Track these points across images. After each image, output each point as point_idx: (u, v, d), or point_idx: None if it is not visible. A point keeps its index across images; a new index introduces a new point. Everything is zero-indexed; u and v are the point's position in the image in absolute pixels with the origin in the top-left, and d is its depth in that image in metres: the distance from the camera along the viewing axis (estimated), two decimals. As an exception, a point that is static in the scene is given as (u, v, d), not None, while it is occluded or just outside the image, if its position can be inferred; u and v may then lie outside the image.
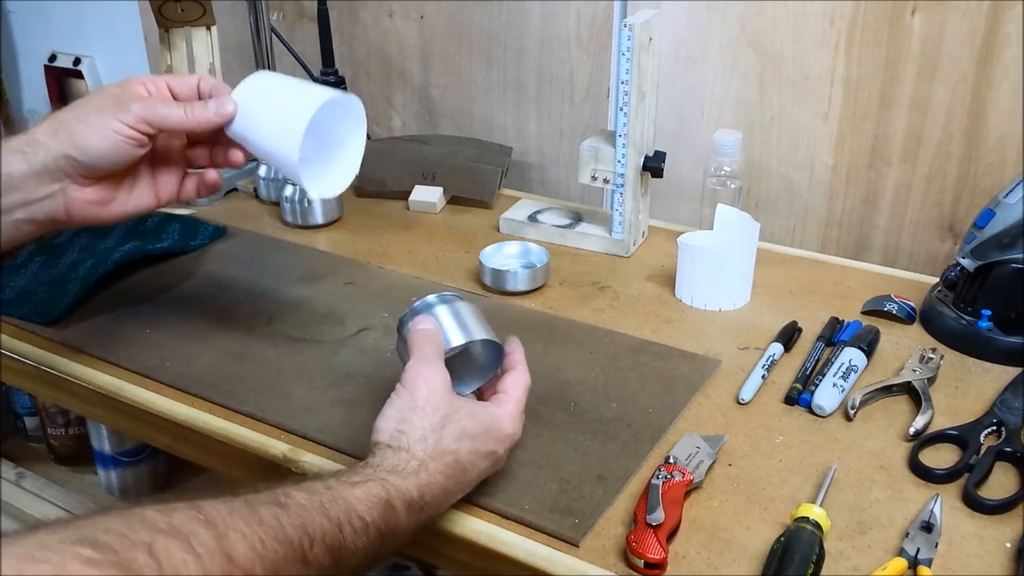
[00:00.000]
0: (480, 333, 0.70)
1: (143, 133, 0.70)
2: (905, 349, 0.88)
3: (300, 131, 0.72)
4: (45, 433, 1.33)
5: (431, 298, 0.71)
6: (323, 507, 0.54)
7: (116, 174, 0.74)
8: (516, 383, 0.69)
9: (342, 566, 0.55)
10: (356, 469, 0.60)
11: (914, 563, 0.62)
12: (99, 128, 0.69)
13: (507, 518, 0.67)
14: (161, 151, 0.77)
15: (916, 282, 1.00)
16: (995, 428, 0.75)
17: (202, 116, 0.72)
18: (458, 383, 0.69)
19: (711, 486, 0.70)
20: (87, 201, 0.72)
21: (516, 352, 0.72)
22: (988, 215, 0.85)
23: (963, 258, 0.87)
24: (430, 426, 0.62)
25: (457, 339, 0.69)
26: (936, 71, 1.03)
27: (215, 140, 0.77)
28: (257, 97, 0.75)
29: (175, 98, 0.74)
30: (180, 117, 0.72)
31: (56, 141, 0.69)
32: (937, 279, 0.95)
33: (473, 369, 0.73)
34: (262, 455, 0.75)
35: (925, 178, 1.08)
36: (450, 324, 0.69)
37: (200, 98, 0.75)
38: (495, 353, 0.72)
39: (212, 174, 0.79)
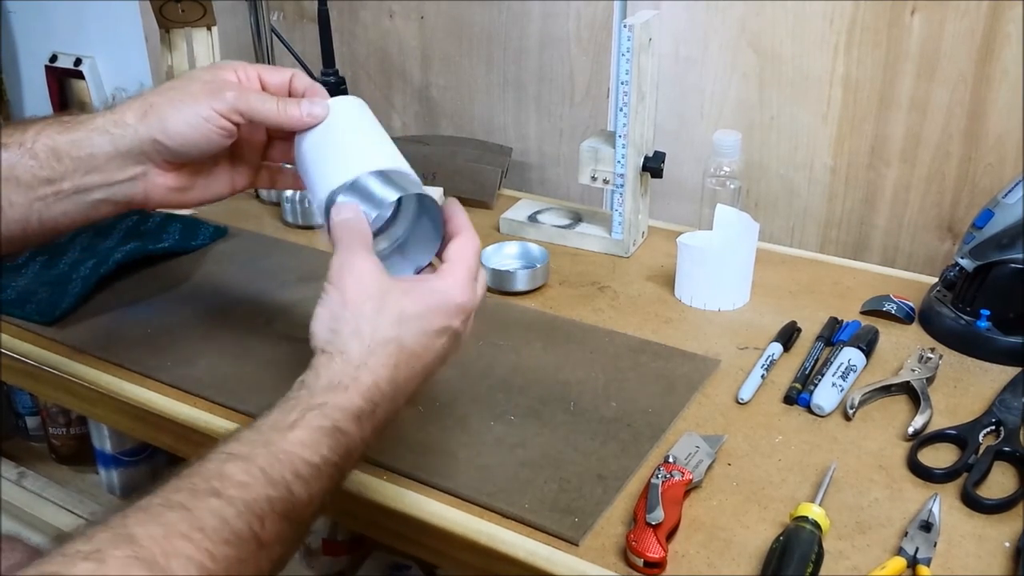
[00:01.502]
0: (411, 186, 0.65)
1: (233, 123, 0.68)
2: (904, 349, 0.88)
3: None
4: (46, 433, 1.33)
5: (352, 171, 0.64)
6: (265, 474, 0.51)
7: (199, 161, 0.72)
8: (462, 248, 0.63)
9: (303, 522, 0.52)
10: (291, 399, 0.56)
11: (913, 562, 0.62)
12: (191, 115, 0.67)
13: (507, 517, 0.67)
14: (243, 141, 0.74)
15: (915, 282, 1.00)
16: (994, 428, 0.75)
17: (294, 114, 0.69)
18: (401, 261, 0.65)
19: (710, 485, 0.70)
20: (168, 187, 0.71)
21: (459, 215, 0.65)
22: (987, 215, 0.85)
23: (962, 258, 0.87)
24: (363, 317, 0.57)
25: (388, 196, 0.63)
26: (935, 71, 1.03)
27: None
28: (346, 123, 0.70)
29: (265, 90, 0.71)
30: (272, 111, 0.68)
31: (145, 124, 0.67)
32: (936, 279, 0.95)
33: (415, 240, 0.68)
34: (263, 455, 0.75)
35: (924, 178, 1.08)
36: (375, 185, 0.64)
37: (291, 95, 0.71)
38: (434, 216, 0.66)
39: (288, 171, 0.77)
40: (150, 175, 0.70)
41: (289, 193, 1.15)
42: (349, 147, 0.68)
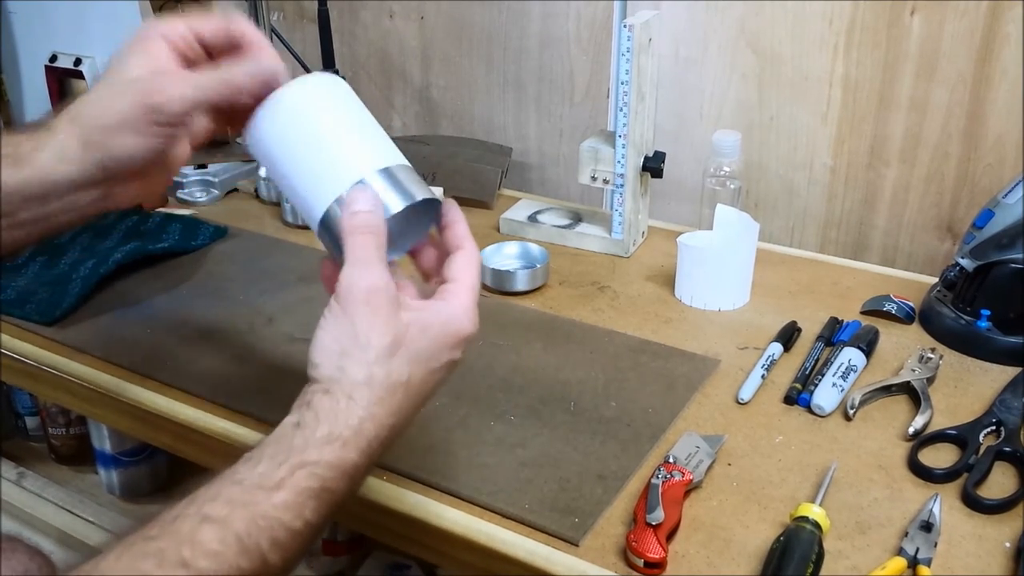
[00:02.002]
0: (420, 191, 0.59)
1: (180, 122, 0.59)
2: (904, 349, 0.88)
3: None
4: (46, 433, 1.33)
5: (354, 170, 0.57)
6: (240, 542, 0.47)
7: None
8: (467, 266, 0.58)
9: None
10: (283, 445, 0.51)
11: (913, 562, 0.62)
12: (131, 138, 0.58)
13: (507, 517, 0.67)
14: None
15: (915, 282, 1.00)
16: (994, 428, 0.75)
17: (240, 83, 0.59)
18: (389, 251, 0.57)
19: (710, 485, 0.70)
20: (134, 193, 0.64)
21: (459, 223, 0.60)
22: (987, 215, 0.85)
23: (962, 258, 0.87)
24: (375, 359, 0.53)
25: (396, 205, 0.57)
26: (935, 72, 1.03)
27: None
28: (330, 109, 0.60)
29: (204, 45, 0.62)
30: (215, 90, 0.58)
31: (90, 153, 0.59)
32: (936, 279, 0.95)
33: (405, 230, 0.61)
34: (263, 455, 0.75)
35: (924, 178, 1.08)
36: (382, 186, 0.58)
37: (233, 41, 0.62)
38: (430, 208, 0.61)
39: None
40: (114, 190, 0.62)
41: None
42: (343, 140, 0.59)
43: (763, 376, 0.83)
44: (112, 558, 0.45)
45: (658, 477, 0.67)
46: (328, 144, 0.59)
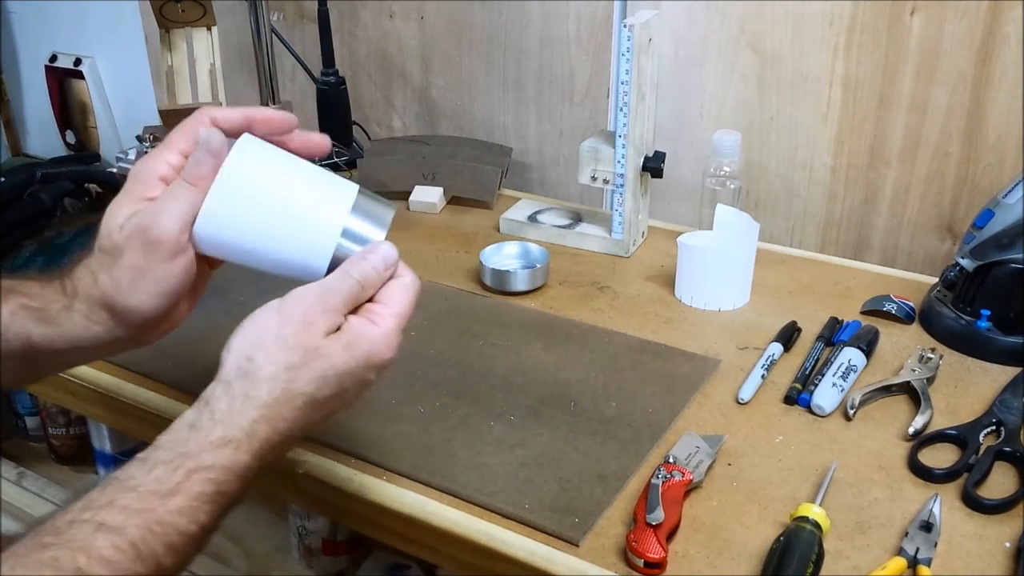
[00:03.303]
0: (386, 212, 0.60)
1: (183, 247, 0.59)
2: (904, 349, 0.88)
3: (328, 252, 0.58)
4: (46, 433, 1.33)
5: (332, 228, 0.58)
6: (135, 549, 0.47)
7: None
8: (401, 293, 0.57)
9: None
10: (178, 449, 0.51)
11: (913, 563, 0.62)
12: (148, 283, 0.58)
13: (507, 517, 0.67)
14: None
15: (915, 282, 1.00)
16: (994, 428, 0.75)
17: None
18: None
19: (711, 486, 0.70)
20: (164, 332, 0.65)
21: (391, 251, 0.58)
22: (987, 215, 0.85)
23: (962, 258, 0.87)
24: (284, 363, 0.53)
25: (375, 235, 0.59)
26: (935, 72, 1.03)
27: None
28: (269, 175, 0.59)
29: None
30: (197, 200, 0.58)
31: (119, 321, 0.60)
32: (936, 279, 0.95)
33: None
34: (263, 455, 0.75)
35: (924, 178, 1.08)
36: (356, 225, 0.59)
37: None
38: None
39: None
40: (148, 332, 0.63)
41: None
42: (304, 200, 0.59)
43: (763, 376, 0.83)
44: (7, 567, 0.44)
45: (658, 477, 0.67)
46: (294, 209, 0.58)
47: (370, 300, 0.57)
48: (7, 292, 0.60)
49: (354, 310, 0.57)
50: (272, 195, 0.58)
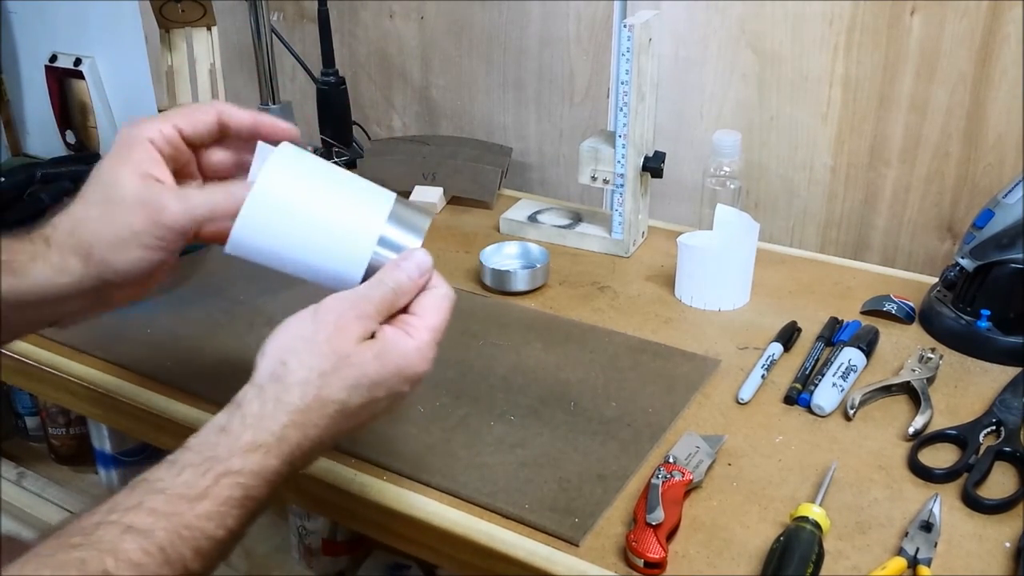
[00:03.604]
0: (423, 221, 0.60)
1: (188, 237, 0.60)
2: (904, 349, 0.88)
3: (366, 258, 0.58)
4: (46, 433, 1.33)
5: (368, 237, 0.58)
6: (163, 553, 0.47)
7: None
8: (436, 305, 0.57)
9: None
10: (207, 453, 0.51)
11: (913, 563, 0.62)
12: (136, 253, 0.58)
13: (507, 518, 0.67)
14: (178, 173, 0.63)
15: (915, 282, 1.00)
16: (994, 428, 0.75)
17: (240, 196, 0.58)
18: None
19: (711, 486, 0.70)
20: (130, 296, 0.63)
21: (426, 258, 0.58)
22: (987, 215, 0.85)
23: (962, 258, 0.87)
24: (317, 369, 0.53)
25: (410, 242, 0.59)
26: (935, 72, 1.03)
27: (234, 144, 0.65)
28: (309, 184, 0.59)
29: (191, 144, 0.62)
30: (222, 206, 0.58)
31: (93, 267, 0.59)
32: (936, 279, 0.95)
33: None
34: (263, 455, 0.75)
35: (924, 178, 1.08)
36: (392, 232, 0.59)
37: (223, 129, 0.62)
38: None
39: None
40: (111, 295, 0.62)
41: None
42: (344, 207, 0.59)
43: (763, 376, 0.83)
44: (32, 567, 0.44)
45: (658, 477, 0.67)
46: (330, 218, 0.59)
47: (405, 311, 0.57)
48: None
49: (389, 319, 0.57)
50: (309, 204, 0.58)
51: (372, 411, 0.56)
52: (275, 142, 0.61)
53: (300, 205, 0.58)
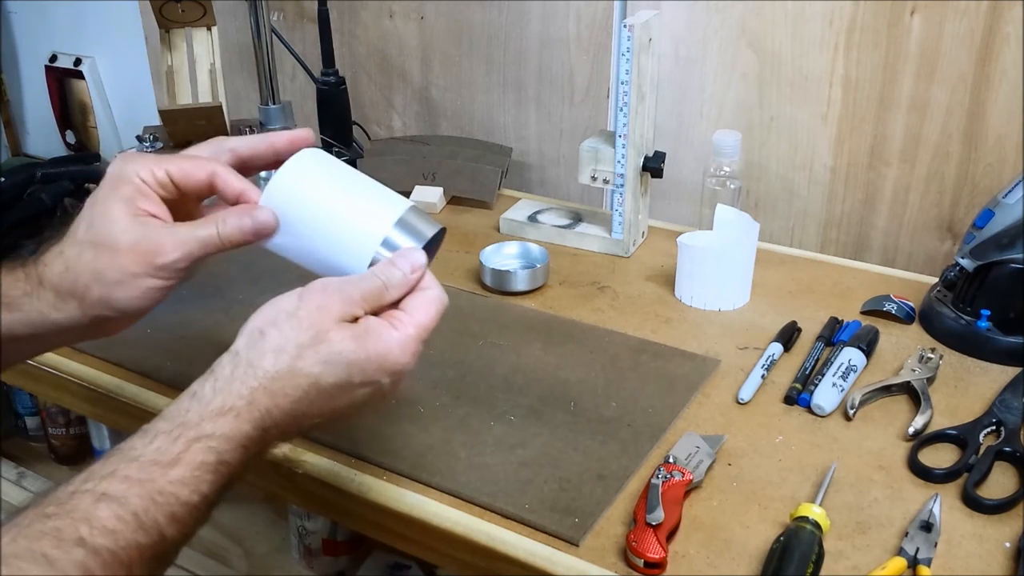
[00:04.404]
0: (429, 229, 0.61)
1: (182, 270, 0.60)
2: (904, 349, 0.88)
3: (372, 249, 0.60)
4: (46, 433, 1.33)
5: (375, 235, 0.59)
6: (137, 519, 0.47)
7: None
8: (426, 304, 0.57)
9: (171, 560, 0.50)
10: (179, 418, 0.51)
11: (913, 563, 0.62)
12: (134, 294, 0.59)
13: (507, 518, 0.67)
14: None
15: (915, 282, 1.00)
16: (994, 428, 0.75)
17: (242, 230, 0.60)
18: None
19: (711, 486, 0.70)
20: (125, 326, 0.65)
21: (419, 256, 0.59)
22: (987, 215, 0.85)
23: (962, 258, 0.87)
24: (293, 340, 0.53)
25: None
26: (935, 72, 1.03)
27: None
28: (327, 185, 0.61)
29: (178, 188, 0.61)
30: (214, 242, 0.60)
31: (89, 306, 0.60)
32: (936, 279, 0.95)
33: None
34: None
35: (924, 178, 1.08)
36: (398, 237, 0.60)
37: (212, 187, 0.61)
38: (437, 237, 0.64)
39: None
40: (105, 327, 0.63)
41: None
42: (355, 206, 0.61)
43: (763, 376, 0.83)
44: (8, 537, 0.44)
45: (658, 477, 0.67)
46: (342, 214, 0.60)
47: (395, 307, 0.57)
48: None
49: (376, 313, 0.57)
50: (323, 199, 0.60)
51: (351, 397, 0.55)
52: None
53: (319, 195, 0.60)
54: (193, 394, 0.53)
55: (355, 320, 0.55)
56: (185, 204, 0.63)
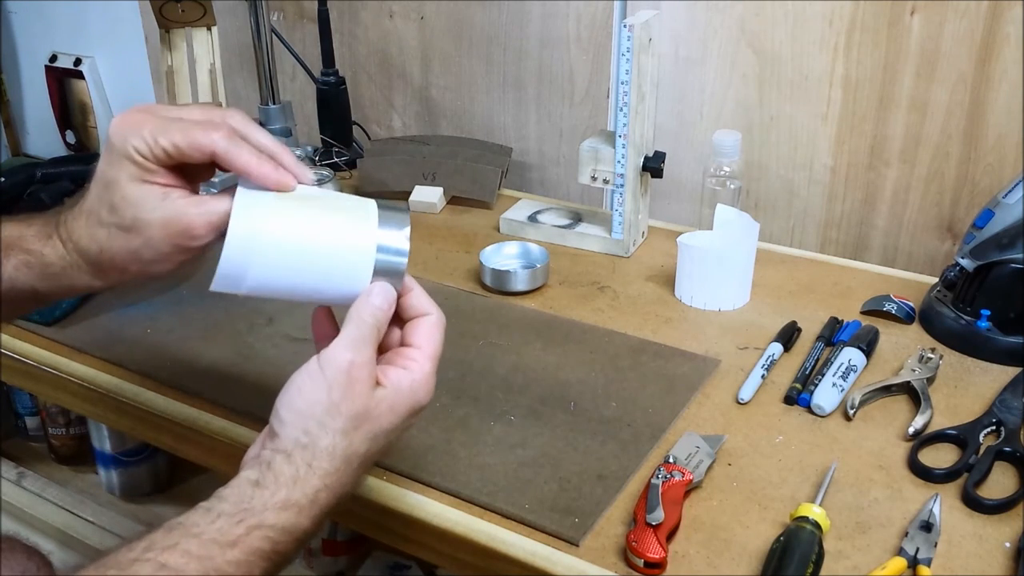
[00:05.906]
0: (403, 222, 0.59)
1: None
2: (904, 349, 0.88)
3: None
4: (46, 433, 1.33)
5: (402, 259, 0.58)
6: None
7: None
8: (432, 332, 0.59)
9: None
10: (243, 504, 0.53)
11: (913, 563, 0.62)
12: (172, 263, 0.60)
13: (507, 518, 0.67)
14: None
15: (915, 282, 1.00)
16: (994, 428, 0.75)
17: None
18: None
19: (711, 486, 0.70)
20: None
21: (416, 289, 0.60)
22: (987, 215, 0.85)
23: (962, 258, 0.87)
24: (341, 429, 0.55)
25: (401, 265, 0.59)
26: (935, 72, 1.03)
27: None
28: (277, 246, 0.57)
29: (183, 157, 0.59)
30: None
31: (128, 276, 0.61)
32: (936, 279, 0.95)
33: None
34: (263, 455, 0.75)
35: (924, 178, 1.08)
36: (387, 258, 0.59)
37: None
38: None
39: None
40: (142, 279, 0.63)
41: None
42: (332, 232, 0.58)
43: (763, 376, 0.83)
44: None
45: (658, 477, 0.67)
46: (324, 241, 0.58)
47: (404, 343, 0.59)
48: (7, 249, 0.62)
49: (389, 351, 0.60)
50: (294, 234, 0.57)
51: (386, 448, 0.59)
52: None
53: (286, 231, 0.57)
54: (255, 483, 0.54)
55: (378, 381, 0.57)
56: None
